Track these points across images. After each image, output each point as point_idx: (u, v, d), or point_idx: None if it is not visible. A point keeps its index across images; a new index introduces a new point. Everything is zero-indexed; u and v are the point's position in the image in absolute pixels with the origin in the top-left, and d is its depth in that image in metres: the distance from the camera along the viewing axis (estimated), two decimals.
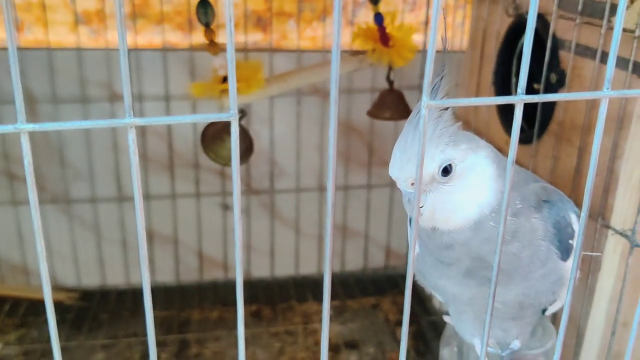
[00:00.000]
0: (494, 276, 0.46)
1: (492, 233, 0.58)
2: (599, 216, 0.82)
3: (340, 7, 0.37)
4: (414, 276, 0.69)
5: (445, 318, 0.77)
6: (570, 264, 0.64)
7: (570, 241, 0.64)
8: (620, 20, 0.43)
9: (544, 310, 0.70)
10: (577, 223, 0.65)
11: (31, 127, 0.37)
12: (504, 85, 1.11)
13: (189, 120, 0.37)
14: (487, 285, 0.60)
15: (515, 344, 0.70)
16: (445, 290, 0.68)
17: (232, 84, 0.38)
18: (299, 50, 1.48)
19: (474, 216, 0.59)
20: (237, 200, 0.41)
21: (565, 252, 0.63)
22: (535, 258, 0.62)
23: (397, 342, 1.40)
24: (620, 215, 0.81)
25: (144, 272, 0.42)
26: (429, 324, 1.46)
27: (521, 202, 0.62)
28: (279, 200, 1.61)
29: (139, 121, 0.38)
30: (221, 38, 0.99)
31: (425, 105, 0.42)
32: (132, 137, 0.38)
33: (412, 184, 0.56)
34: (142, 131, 1.47)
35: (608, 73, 0.44)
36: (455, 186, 0.58)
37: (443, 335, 0.79)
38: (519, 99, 0.43)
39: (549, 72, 0.93)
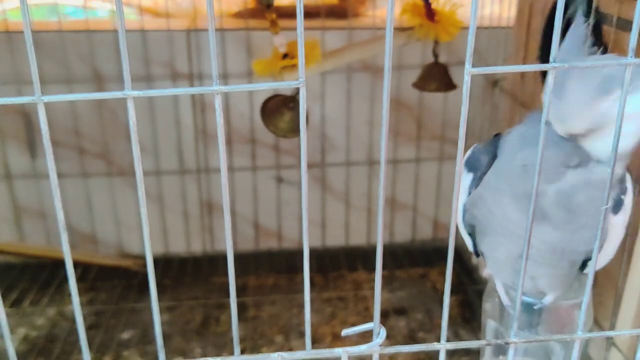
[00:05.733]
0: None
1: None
2: (637, 182, 0.86)
3: None
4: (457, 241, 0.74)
5: (484, 273, 0.83)
6: (618, 219, 0.68)
7: (622, 196, 0.67)
8: None
9: (582, 268, 0.75)
10: (630, 181, 0.69)
11: (136, 93, 0.45)
12: (549, 59, 1.14)
13: (266, 87, 0.44)
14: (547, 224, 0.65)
15: (547, 299, 0.75)
16: (496, 230, 0.71)
17: (301, 55, 0.45)
18: (349, 28, 1.54)
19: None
20: (304, 162, 0.48)
21: (617, 205, 0.67)
22: (598, 205, 0.64)
23: None
24: None
25: (228, 238, 0.50)
26: (475, 293, 1.52)
27: None
28: (330, 174, 1.68)
29: (225, 88, 0.45)
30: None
31: (468, 72, 0.48)
32: (218, 102, 0.46)
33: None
34: (202, 108, 1.56)
35: (632, 42, 0.49)
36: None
37: (485, 290, 0.85)
38: (551, 67, 0.49)
39: (592, 45, 0.96)
